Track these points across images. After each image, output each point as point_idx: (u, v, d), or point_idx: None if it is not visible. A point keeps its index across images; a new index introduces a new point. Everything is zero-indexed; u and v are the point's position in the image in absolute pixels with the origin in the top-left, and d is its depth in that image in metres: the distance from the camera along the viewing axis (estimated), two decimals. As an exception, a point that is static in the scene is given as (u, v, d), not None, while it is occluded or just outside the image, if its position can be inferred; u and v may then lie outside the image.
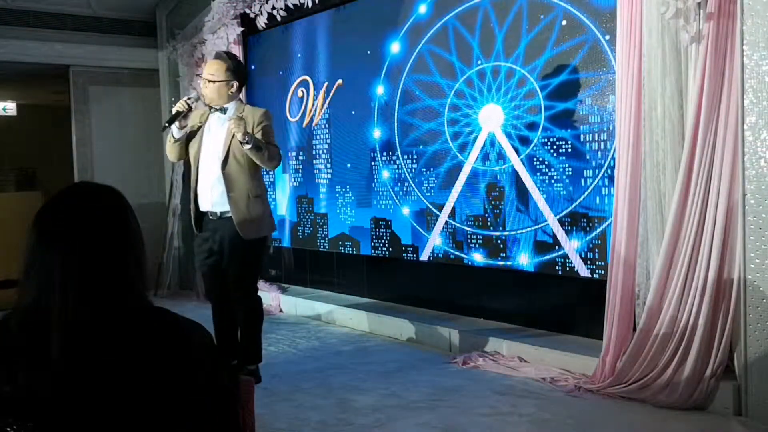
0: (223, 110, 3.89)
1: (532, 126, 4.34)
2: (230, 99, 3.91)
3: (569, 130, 4.16)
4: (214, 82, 3.86)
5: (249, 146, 3.70)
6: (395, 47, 5.20)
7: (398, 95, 5.20)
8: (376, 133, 5.41)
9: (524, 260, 4.44)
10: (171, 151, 4.02)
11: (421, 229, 5.11)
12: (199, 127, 3.96)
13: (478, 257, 4.72)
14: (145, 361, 1.22)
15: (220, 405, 1.29)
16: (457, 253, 4.86)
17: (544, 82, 4.26)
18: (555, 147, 4.23)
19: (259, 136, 3.78)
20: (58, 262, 1.22)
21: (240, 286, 3.93)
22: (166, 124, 3.90)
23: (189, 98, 3.87)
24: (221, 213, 3.87)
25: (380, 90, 5.35)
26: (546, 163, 4.28)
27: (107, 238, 1.26)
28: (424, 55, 5.00)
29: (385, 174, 5.36)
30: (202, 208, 3.94)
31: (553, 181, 4.25)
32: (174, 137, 3.93)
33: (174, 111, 3.87)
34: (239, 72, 3.95)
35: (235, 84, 3.90)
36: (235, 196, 3.83)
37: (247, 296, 3.98)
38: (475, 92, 4.64)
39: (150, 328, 1.26)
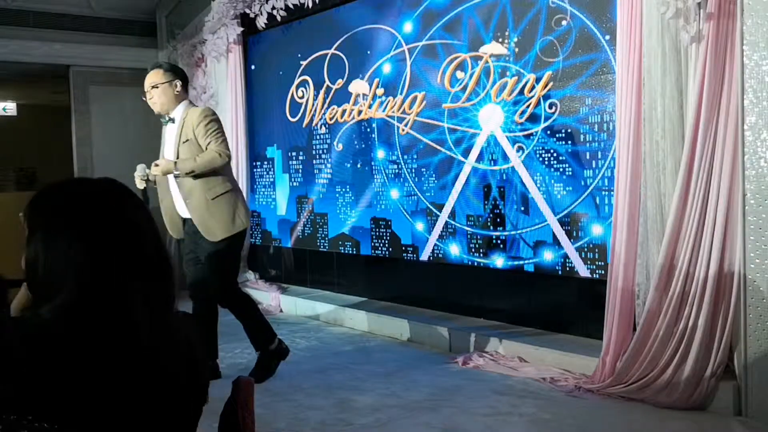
0: (172, 120, 3.96)
1: (533, 126, 4.33)
2: (178, 100, 3.96)
3: (569, 130, 4.16)
4: (157, 86, 3.90)
5: (180, 176, 3.85)
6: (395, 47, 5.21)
7: (398, 94, 5.20)
8: (377, 132, 5.42)
9: (524, 260, 4.44)
10: None
11: (421, 229, 5.11)
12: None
13: (478, 257, 4.72)
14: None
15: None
16: (458, 253, 4.86)
17: (543, 81, 4.26)
18: (555, 147, 4.23)
19: (200, 135, 3.83)
20: (44, 250, 1.20)
21: (209, 286, 3.96)
22: (147, 200, 4.02)
23: (140, 174, 3.90)
24: (190, 218, 3.98)
25: (381, 92, 5.34)
26: (546, 162, 4.28)
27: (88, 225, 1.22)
28: (425, 53, 5.00)
29: (386, 174, 5.36)
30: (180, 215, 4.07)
31: (553, 181, 4.25)
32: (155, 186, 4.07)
33: (140, 191, 3.89)
34: (176, 71, 4.02)
35: (178, 82, 3.93)
36: (192, 203, 3.91)
37: (217, 294, 3.99)
38: (478, 90, 4.65)
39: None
